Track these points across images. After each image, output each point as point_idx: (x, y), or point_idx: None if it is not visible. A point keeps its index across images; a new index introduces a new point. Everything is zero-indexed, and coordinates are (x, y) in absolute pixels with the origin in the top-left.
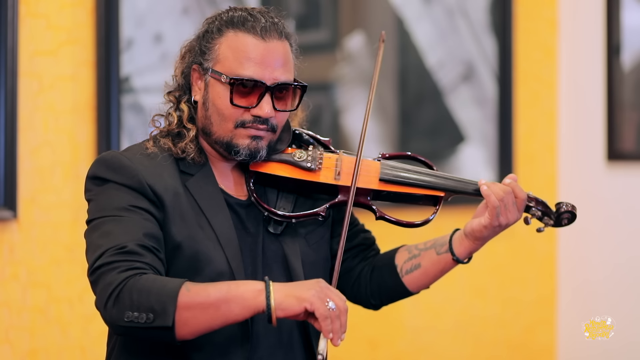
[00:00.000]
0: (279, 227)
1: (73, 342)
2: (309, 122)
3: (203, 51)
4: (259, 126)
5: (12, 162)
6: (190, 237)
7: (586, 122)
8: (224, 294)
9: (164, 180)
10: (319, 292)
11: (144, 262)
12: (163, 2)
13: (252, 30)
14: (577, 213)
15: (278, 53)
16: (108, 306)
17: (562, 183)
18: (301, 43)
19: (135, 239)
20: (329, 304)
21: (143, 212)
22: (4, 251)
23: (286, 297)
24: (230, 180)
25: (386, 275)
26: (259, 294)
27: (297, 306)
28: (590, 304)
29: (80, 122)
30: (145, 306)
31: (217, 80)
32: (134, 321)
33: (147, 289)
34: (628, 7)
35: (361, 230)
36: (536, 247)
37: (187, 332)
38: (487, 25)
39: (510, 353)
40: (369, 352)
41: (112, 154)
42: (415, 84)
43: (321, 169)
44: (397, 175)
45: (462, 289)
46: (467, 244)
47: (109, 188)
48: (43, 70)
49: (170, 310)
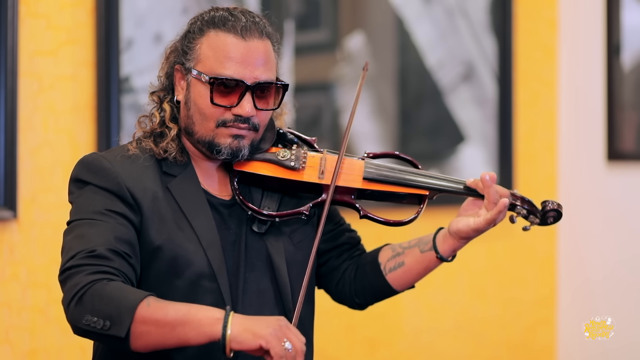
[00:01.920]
0: (263, 226)
1: (73, 342)
2: (309, 122)
3: (185, 51)
4: (240, 125)
5: (12, 162)
6: (170, 239)
7: (586, 122)
8: (182, 316)
9: (143, 183)
10: (277, 330)
11: (112, 266)
12: (163, 2)
13: (233, 30)
14: (562, 212)
15: (258, 52)
16: (71, 306)
17: (562, 183)
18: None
19: (105, 243)
20: (285, 344)
21: (118, 217)
22: (4, 251)
23: (243, 330)
24: (215, 180)
25: (370, 274)
26: (216, 322)
27: (252, 342)
28: (590, 304)
29: (80, 122)
30: (103, 313)
31: (198, 79)
32: (91, 325)
33: (109, 296)
34: (628, 7)
35: (346, 230)
36: (536, 247)
37: (140, 345)
38: (487, 25)
39: (511, 353)
40: (369, 352)
41: (93, 156)
42: (415, 84)
43: (305, 168)
44: (381, 174)
45: (462, 289)
46: (451, 243)
47: (88, 191)
48: (43, 70)
49: (126, 322)
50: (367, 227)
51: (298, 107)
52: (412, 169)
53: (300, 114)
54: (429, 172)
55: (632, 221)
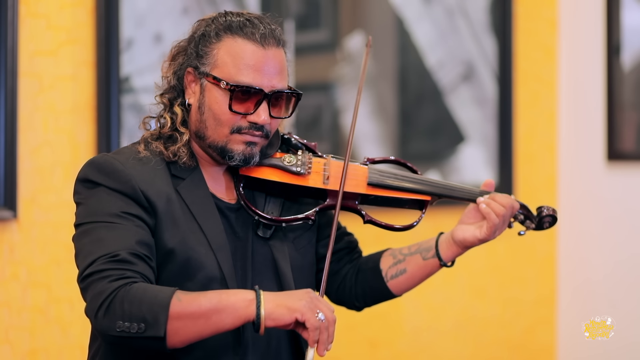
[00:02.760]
0: (268, 231)
1: (73, 342)
2: (309, 122)
3: (200, 55)
4: (255, 132)
5: (12, 162)
6: (183, 242)
7: (586, 122)
8: (215, 304)
9: (156, 186)
10: (309, 302)
11: (136, 270)
12: (163, 2)
13: (252, 37)
14: (557, 216)
15: (276, 61)
16: (99, 316)
17: (562, 183)
18: (301, 43)
19: (127, 247)
20: (319, 315)
21: (135, 219)
22: (4, 251)
23: (277, 307)
24: (221, 184)
25: (371, 280)
26: (250, 303)
27: (288, 316)
28: (590, 304)
29: (80, 122)
30: (137, 316)
31: (214, 85)
32: (126, 331)
33: (138, 298)
34: (628, 7)
35: (345, 234)
36: (536, 247)
37: (178, 341)
38: (487, 25)
39: (510, 353)
40: (369, 352)
41: (104, 158)
42: (415, 84)
43: (310, 174)
44: (385, 180)
45: (462, 289)
46: (455, 250)
47: (100, 192)
48: (43, 70)
49: (162, 320)
50: (368, 231)
51: (298, 107)
52: (414, 175)
53: (300, 114)
54: (430, 178)
55: (632, 221)
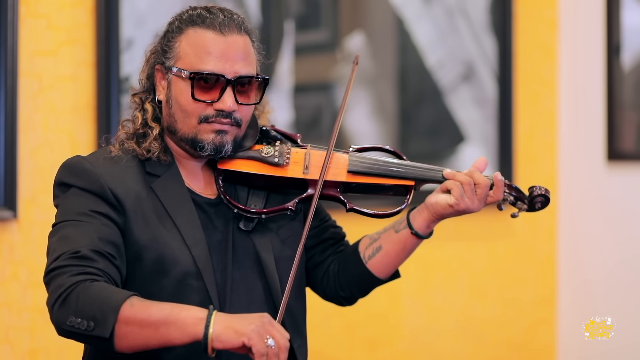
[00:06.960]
0: (250, 224)
1: (73, 342)
2: (309, 122)
3: (164, 50)
4: (223, 120)
5: (12, 162)
6: (154, 239)
7: (586, 122)
8: (165, 316)
9: (125, 184)
10: (259, 327)
11: (97, 267)
12: (163, 2)
13: (211, 26)
14: (550, 197)
15: (238, 47)
16: (55, 308)
17: (562, 183)
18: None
19: (89, 244)
20: (268, 341)
21: (102, 218)
22: (4, 251)
23: (225, 329)
24: (200, 179)
25: (352, 265)
26: (200, 322)
27: (235, 340)
28: (590, 304)
29: (80, 122)
30: (87, 313)
31: (178, 77)
32: (75, 326)
33: (92, 296)
34: (628, 7)
35: (331, 225)
36: (536, 247)
37: (125, 346)
38: (487, 25)
39: (511, 353)
40: (369, 352)
41: (75, 159)
42: (415, 84)
43: (289, 164)
44: (366, 166)
45: (462, 289)
46: (426, 216)
47: (71, 193)
48: (43, 70)
49: (110, 322)
50: (354, 223)
51: (298, 107)
52: (397, 160)
53: (300, 114)
54: (413, 162)
55: (632, 221)
